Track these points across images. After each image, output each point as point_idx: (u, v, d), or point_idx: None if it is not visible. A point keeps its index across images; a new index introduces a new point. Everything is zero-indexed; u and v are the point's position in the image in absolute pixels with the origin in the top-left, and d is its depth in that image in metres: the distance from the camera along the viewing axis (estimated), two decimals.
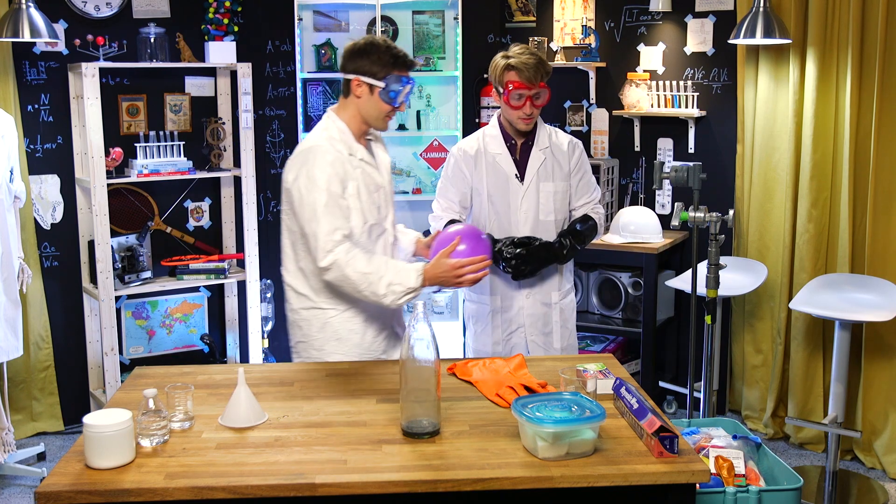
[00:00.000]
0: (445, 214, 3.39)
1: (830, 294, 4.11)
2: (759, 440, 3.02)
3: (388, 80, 2.80)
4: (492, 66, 3.28)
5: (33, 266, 4.55)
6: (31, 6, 4.15)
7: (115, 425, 2.06)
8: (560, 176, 3.35)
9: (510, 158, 3.33)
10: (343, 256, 2.71)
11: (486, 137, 3.36)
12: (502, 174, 3.33)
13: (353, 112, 2.87)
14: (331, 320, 2.90)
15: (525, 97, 3.20)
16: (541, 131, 3.36)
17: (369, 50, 2.81)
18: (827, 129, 4.37)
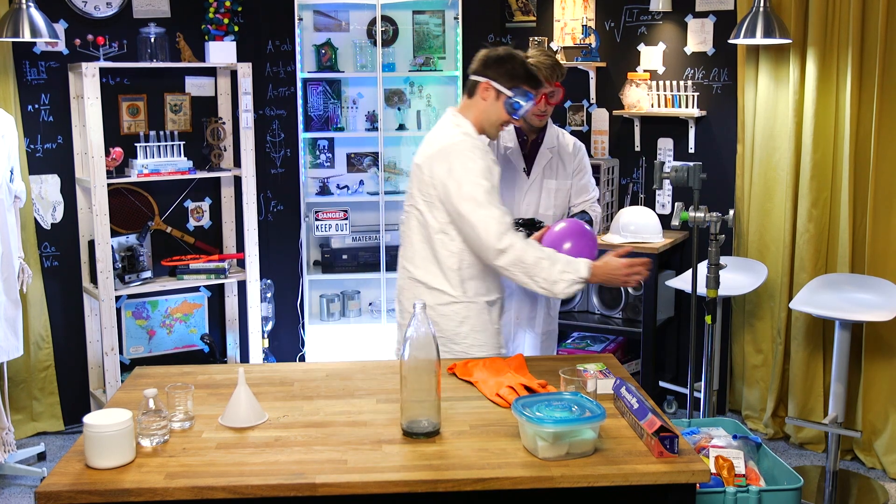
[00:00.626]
0: None
1: (830, 294, 4.11)
2: (760, 440, 3.02)
3: (516, 91, 2.94)
4: None
5: (33, 266, 4.55)
6: (32, 6, 4.15)
7: (115, 425, 2.06)
8: (563, 175, 3.58)
9: (520, 153, 3.55)
10: (520, 241, 2.81)
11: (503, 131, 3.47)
12: (511, 167, 3.53)
13: (474, 114, 3.00)
14: (470, 314, 2.97)
15: (542, 94, 3.37)
16: (550, 131, 3.59)
17: (507, 59, 2.96)
18: (827, 128, 4.37)
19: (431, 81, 5.30)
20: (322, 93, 5.22)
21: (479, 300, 3.00)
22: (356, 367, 2.85)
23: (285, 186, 5.23)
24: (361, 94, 5.28)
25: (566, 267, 2.81)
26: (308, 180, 5.27)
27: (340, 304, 5.35)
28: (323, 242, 5.31)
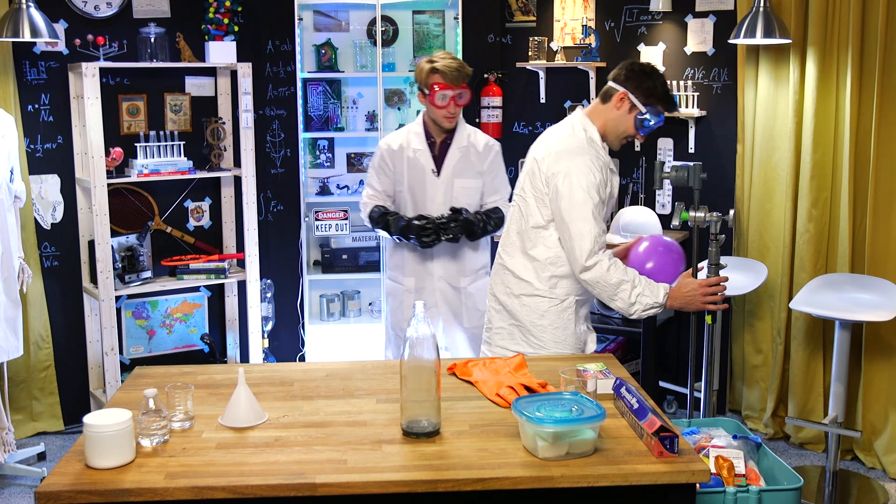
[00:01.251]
0: (371, 201, 3.80)
1: (830, 294, 4.11)
2: (760, 440, 3.02)
3: (650, 109, 3.02)
4: (417, 69, 3.66)
5: (33, 266, 4.55)
6: (32, 6, 4.15)
7: (115, 425, 2.06)
8: (473, 174, 3.71)
9: (429, 154, 3.72)
10: (606, 261, 2.91)
11: (409, 134, 3.74)
12: (420, 168, 3.69)
13: (603, 121, 3.07)
14: (551, 308, 3.04)
15: (449, 97, 3.58)
16: (461, 131, 3.72)
17: (649, 76, 3.04)
18: (827, 128, 4.37)
19: None
20: (322, 93, 5.21)
21: (568, 298, 3.06)
22: (356, 367, 2.85)
23: (285, 186, 5.23)
24: (361, 94, 5.28)
25: (644, 290, 2.90)
26: (308, 180, 5.28)
27: (340, 304, 5.35)
28: (323, 242, 5.31)
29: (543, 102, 5.26)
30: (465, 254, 3.83)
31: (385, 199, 3.82)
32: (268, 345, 5.12)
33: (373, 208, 3.78)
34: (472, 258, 3.85)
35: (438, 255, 3.79)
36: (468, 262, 3.85)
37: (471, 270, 3.86)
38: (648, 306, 2.91)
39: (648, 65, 3.12)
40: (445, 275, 3.81)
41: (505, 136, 5.31)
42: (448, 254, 3.79)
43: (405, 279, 3.83)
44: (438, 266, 3.80)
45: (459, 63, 3.60)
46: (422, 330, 2.20)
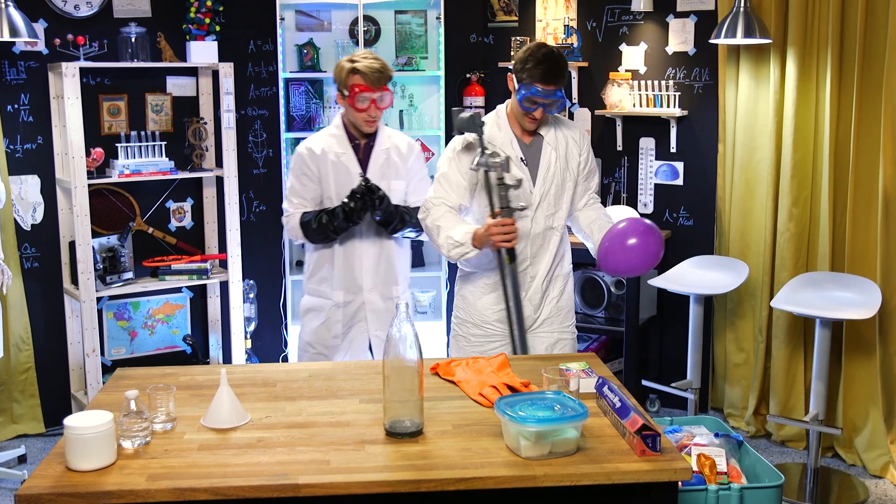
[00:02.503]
0: (297, 212, 3.57)
1: (811, 292, 4.14)
2: (741, 438, 3.04)
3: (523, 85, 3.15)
4: (337, 68, 3.50)
5: (13, 267, 4.52)
6: (11, 5, 4.12)
7: (96, 427, 2.05)
8: (398, 175, 3.58)
9: (354, 157, 3.54)
10: (434, 212, 3.19)
11: (330, 138, 3.56)
12: (346, 172, 3.52)
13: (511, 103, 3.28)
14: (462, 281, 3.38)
15: (370, 100, 3.42)
16: (381, 132, 3.59)
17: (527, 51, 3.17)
18: (807, 128, 4.40)
19: (414, 81, 5.30)
20: (304, 93, 5.20)
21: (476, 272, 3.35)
22: (339, 367, 2.84)
23: (267, 187, 5.21)
24: None
25: (451, 233, 3.12)
26: None
27: None
28: None
29: None
30: (392, 261, 3.64)
31: (314, 209, 3.57)
32: (250, 345, 5.11)
33: (302, 214, 3.54)
34: (400, 265, 3.67)
35: (367, 266, 3.59)
36: (398, 270, 3.67)
37: (402, 279, 3.69)
38: (451, 246, 3.12)
39: (534, 43, 3.23)
40: (375, 286, 3.61)
41: None
42: (376, 264, 3.60)
43: (333, 293, 3.61)
44: (367, 276, 3.59)
45: (382, 64, 3.43)
46: (404, 330, 2.20)
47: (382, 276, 3.61)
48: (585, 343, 5.06)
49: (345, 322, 3.62)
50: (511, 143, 3.23)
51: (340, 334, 3.63)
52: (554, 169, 3.25)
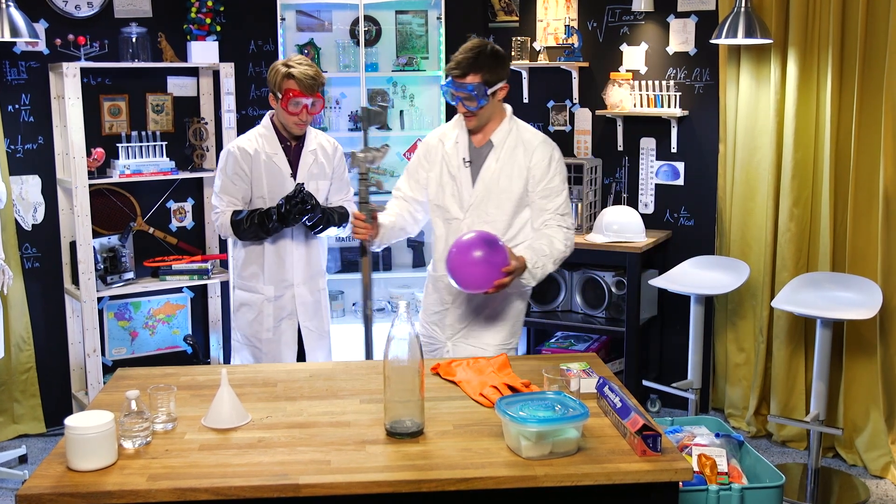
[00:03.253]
0: (228, 210, 3.62)
1: (812, 292, 4.14)
2: (742, 438, 3.04)
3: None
4: (272, 71, 3.55)
5: (14, 267, 4.52)
6: (12, 5, 4.12)
7: (97, 427, 2.05)
8: (324, 175, 3.69)
9: (285, 158, 3.62)
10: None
11: (260, 138, 3.62)
12: (278, 172, 3.60)
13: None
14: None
15: (302, 105, 3.50)
16: (309, 134, 3.68)
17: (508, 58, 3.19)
18: (808, 128, 4.40)
19: (414, 81, 5.30)
20: None
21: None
22: (339, 367, 2.84)
23: None
24: (344, 94, 5.27)
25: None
26: None
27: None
28: None
29: (526, 102, 5.27)
30: (317, 254, 3.77)
31: (244, 207, 3.64)
32: None
33: (233, 213, 3.59)
34: (321, 259, 3.80)
35: (297, 262, 3.68)
36: (321, 263, 3.81)
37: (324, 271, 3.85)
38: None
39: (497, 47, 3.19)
40: (304, 279, 3.70)
41: None
42: (306, 259, 3.70)
43: (265, 288, 3.67)
44: (297, 271, 3.68)
45: (315, 71, 3.52)
46: (405, 330, 2.20)
47: (311, 271, 3.73)
48: (586, 343, 5.06)
49: (276, 315, 3.70)
50: (458, 143, 3.21)
51: (272, 327, 3.71)
52: (494, 177, 3.14)
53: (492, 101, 3.11)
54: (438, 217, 3.26)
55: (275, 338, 3.71)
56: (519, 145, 3.18)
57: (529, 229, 3.20)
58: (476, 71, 3.06)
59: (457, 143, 3.21)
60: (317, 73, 3.52)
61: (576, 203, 4.89)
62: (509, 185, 3.14)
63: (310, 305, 3.75)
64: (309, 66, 3.51)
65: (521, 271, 2.97)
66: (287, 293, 3.70)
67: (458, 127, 3.24)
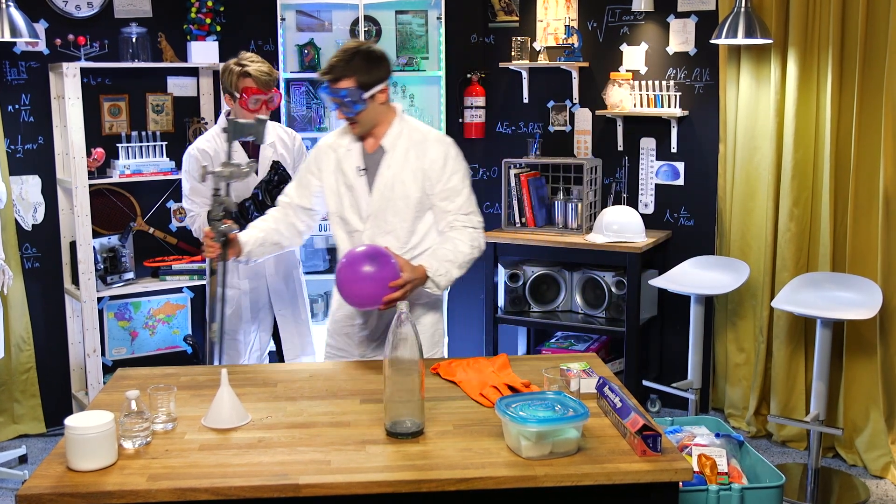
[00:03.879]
0: (204, 210, 3.56)
1: (812, 292, 4.14)
2: (742, 438, 3.04)
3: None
4: (225, 71, 3.60)
5: (14, 267, 4.52)
6: (12, 5, 4.12)
7: (97, 427, 2.05)
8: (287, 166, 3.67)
9: (245, 154, 3.65)
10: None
11: (217, 138, 3.65)
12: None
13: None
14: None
15: (261, 101, 3.56)
16: (269, 130, 3.66)
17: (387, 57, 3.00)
18: (808, 128, 4.40)
19: (415, 81, 5.30)
20: (305, 93, 5.20)
21: None
22: (339, 367, 2.84)
23: None
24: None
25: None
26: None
27: (324, 304, 5.33)
28: (307, 243, 5.30)
29: (526, 102, 5.27)
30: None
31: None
32: None
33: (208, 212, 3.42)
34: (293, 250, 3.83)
35: None
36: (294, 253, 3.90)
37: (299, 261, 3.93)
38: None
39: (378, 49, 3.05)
40: (277, 270, 3.79)
41: (488, 136, 5.32)
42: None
43: (240, 282, 3.74)
44: (270, 263, 3.74)
45: (269, 67, 3.58)
46: (405, 330, 2.20)
47: (283, 261, 3.79)
48: (586, 343, 5.06)
49: (252, 308, 3.77)
50: (350, 150, 3.04)
51: (249, 319, 3.78)
52: (389, 183, 2.98)
53: (371, 104, 2.93)
54: (341, 229, 3.08)
55: (252, 328, 3.80)
56: (411, 147, 2.99)
57: (435, 234, 3.05)
58: (349, 75, 2.89)
59: (349, 150, 3.04)
60: (270, 69, 3.61)
61: (576, 203, 4.89)
62: (405, 191, 2.97)
63: (283, 293, 3.82)
64: (262, 62, 3.59)
65: (419, 282, 2.81)
66: (261, 284, 3.77)
67: (349, 133, 3.06)
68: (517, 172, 4.98)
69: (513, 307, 5.00)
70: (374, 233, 3.00)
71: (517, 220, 5.00)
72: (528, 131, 5.26)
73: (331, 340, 3.23)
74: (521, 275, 4.99)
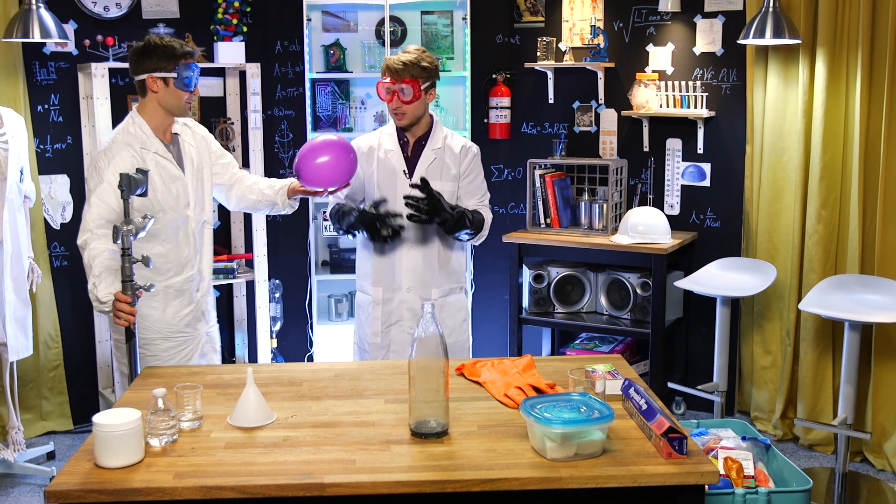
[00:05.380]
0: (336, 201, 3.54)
1: (840, 295, 4.10)
2: (769, 441, 3.02)
3: (177, 69, 3.15)
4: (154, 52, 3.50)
5: (43, 266, 4.56)
6: (42, 7, 4.16)
7: (124, 425, 2.07)
8: (448, 177, 3.47)
9: (401, 155, 3.48)
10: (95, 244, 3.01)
11: (382, 135, 3.55)
12: (391, 169, 3.47)
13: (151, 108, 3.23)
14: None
15: (392, 91, 3.37)
16: (436, 133, 3.53)
17: (148, 49, 3.14)
18: (837, 129, 4.36)
19: (440, 82, 5.26)
20: (330, 93, 5.22)
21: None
22: (364, 367, 2.85)
23: None
24: (370, 95, 5.28)
25: (97, 283, 2.87)
26: None
27: (348, 304, 5.35)
28: (331, 243, 5.32)
29: (552, 103, 5.26)
30: (436, 262, 3.46)
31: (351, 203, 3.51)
32: (276, 345, 5.13)
33: (334, 205, 3.52)
34: (445, 268, 3.49)
35: (407, 264, 3.44)
36: (440, 273, 3.48)
37: (443, 281, 3.49)
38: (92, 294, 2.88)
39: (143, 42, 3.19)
40: (414, 285, 3.44)
41: (513, 137, 5.31)
42: (417, 262, 3.44)
43: (373, 289, 3.50)
44: (407, 276, 3.44)
45: (412, 57, 3.36)
46: (430, 330, 2.20)
47: (422, 277, 3.46)
48: (611, 345, 5.04)
49: (384, 320, 3.50)
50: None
51: (379, 332, 3.51)
52: (197, 163, 3.30)
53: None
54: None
55: (384, 343, 3.52)
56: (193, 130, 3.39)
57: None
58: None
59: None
60: (413, 59, 3.39)
61: (601, 204, 4.87)
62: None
63: (417, 313, 3.43)
64: (406, 52, 3.42)
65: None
66: (396, 297, 3.48)
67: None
68: (542, 173, 4.97)
69: (537, 308, 4.99)
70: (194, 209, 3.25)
71: (542, 220, 4.99)
72: (554, 132, 5.25)
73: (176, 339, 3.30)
74: (545, 276, 4.98)
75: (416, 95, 3.39)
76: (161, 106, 3.20)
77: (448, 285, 3.51)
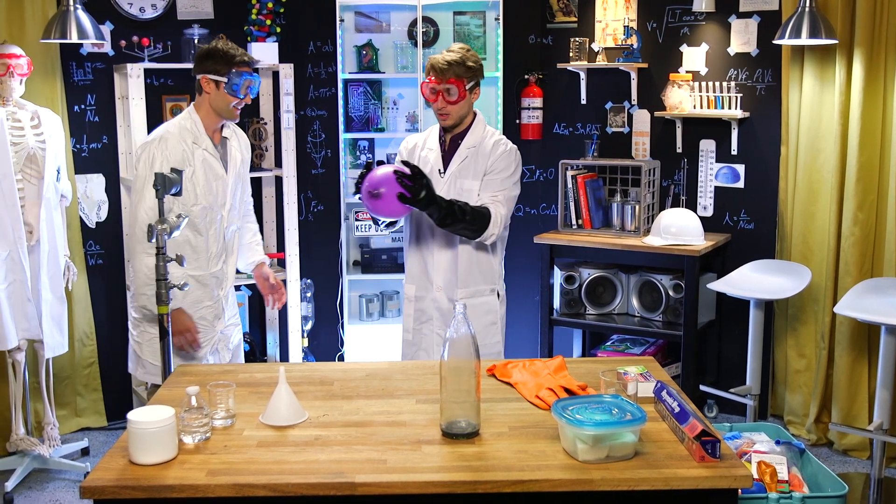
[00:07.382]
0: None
1: (876, 298, 4.04)
2: (803, 446, 2.98)
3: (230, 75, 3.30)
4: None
5: (78, 264, 4.62)
6: (79, 8, 4.21)
7: (158, 422, 2.09)
8: (476, 174, 3.38)
9: (439, 154, 3.45)
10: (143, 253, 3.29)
11: (431, 132, 3.55)
12: (429, 167, 3.43)
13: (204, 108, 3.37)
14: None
15: (437, 91, 3.31)
16: (475, 131, 3.43)
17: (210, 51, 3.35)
18: (874, 130, 4.31)
19: None
20: (363, 94, 5.24)
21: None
22: (396, 367, 2.85)
23: (326, 187, 5.26)
24: (402, 95, 5.29)
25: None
26: (348, 181, 5.30)
27: (379, 304, 5.37)
28: (363, 243, 5.33)
29: (584, 103, 5.24)
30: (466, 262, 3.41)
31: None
32: (307, 344, 5.15)
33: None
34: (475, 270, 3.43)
35: (439, 262, 3.42)
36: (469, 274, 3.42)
37: (470, 282, 3.42)
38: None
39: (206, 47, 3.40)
40: (444, 285, 3.42)
41: (545, 137, 5.30)
42: (450, 260, 3.41)
43: (407, 286, 3.54)
44: (438, 274, 3.42)
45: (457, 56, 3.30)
46: (462, 331, 2.20)
47: (452, 276, 3.42)
48: (643, 347, 5.01)
49: (416, 317, 3.51)
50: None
51: (411, 329, 3.52)
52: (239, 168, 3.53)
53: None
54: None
55: (415, 340, 3.53)
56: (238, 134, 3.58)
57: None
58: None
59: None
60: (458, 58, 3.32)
61: (633, 205, 4.85)
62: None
63: (447, 316, 3.42)
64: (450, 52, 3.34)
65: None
66: (428, 295, 3.47)
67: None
68: (574, 174, 4.95)
69: (568, 309, 4.98)
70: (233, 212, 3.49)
71: (574, 221, 4.97)
72: (586, 132, 5.23)
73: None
74: (577, 277, 4.96)
75: (462, 95, 3.32)
76: (211, 107, 3.35)
77: (476, 286, 3.44)
